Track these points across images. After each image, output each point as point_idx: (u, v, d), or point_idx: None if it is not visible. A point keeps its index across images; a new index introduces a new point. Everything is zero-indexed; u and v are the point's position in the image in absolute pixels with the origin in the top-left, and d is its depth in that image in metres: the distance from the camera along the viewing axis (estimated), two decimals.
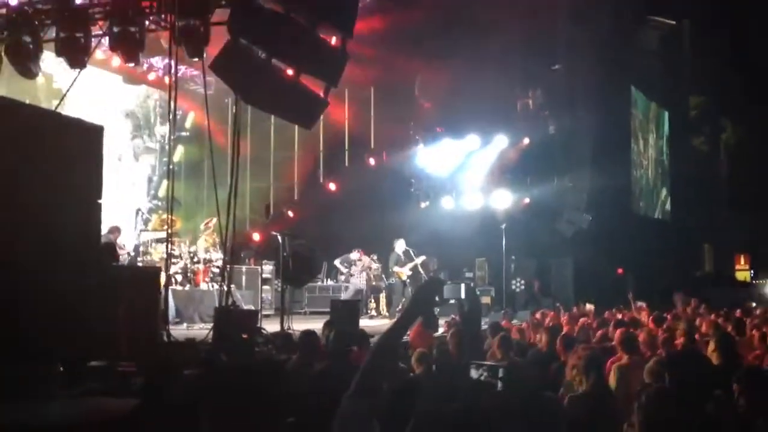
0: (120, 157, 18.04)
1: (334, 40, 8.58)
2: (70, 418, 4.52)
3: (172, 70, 9.88)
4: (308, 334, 7.30)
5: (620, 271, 22.70)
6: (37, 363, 5.63)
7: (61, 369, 5.69)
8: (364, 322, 12.52)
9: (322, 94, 8.68)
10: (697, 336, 8.32)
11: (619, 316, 12.68)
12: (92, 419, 4.68)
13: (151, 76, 18.20)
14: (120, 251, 13.58)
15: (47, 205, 6.01)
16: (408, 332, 10.10)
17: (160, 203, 18.35)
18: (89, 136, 6.49)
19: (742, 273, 36.67)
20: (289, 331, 10.23)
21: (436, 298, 3.06)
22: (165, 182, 17.44)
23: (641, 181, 25.45)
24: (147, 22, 11.13)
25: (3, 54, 11.56)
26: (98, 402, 5.23)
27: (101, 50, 15.32)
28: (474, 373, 2.82)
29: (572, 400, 4.97)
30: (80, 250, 6.32)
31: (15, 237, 5.79)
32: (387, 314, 18.02)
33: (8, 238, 5.74)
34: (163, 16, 11.28)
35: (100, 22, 11.40)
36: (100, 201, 6.63)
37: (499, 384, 2.87)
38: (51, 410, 4.99)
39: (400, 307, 17.39)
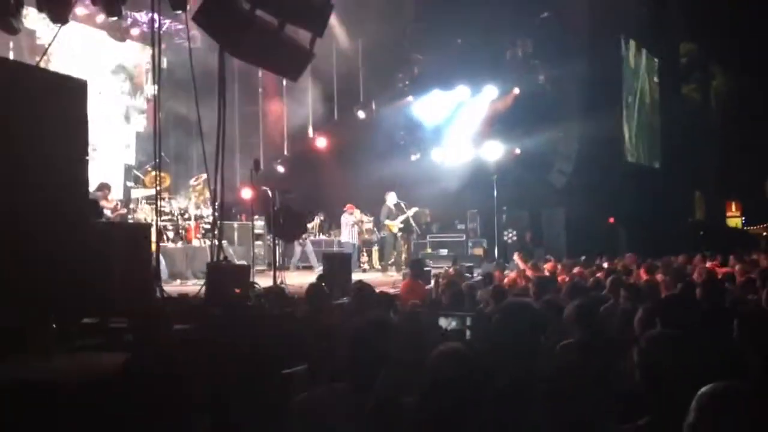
0: (109, 116, 17.83)
1: None
2: (64, 374, 4.52)
3: (156, 25, 9.68)
4: (315, 284, 7.61)
5: (611, 220, 22.76)
6: (29, 320, 5.62)
7: (54, 326, 5.68)
8: (357, 276, 12.53)
9: (308, 46, 8.54)
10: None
11: (606, 265, 12.75)
12: (85, 375, 4.68)
13: (135, 32, 17.92)
14: (112, 209, 13.53)
15: (33, 162, 5.94)
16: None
17: (149, 161, 18.25)
18: (73, 91, 6.38)
19: (734, 220, 36.90)
20: (282, 285, 10.22)
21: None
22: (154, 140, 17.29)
23: (632, 129, 25.39)
24: None
25: None
26: (91, 357, 5.24)
27: (84, 5, 15.15)
28: (444, 322, 2.85)
29: (564, 348, 4.98)
30: (68, 207, 6.27)
31: (3, 194, 5.72)
32: (379, 267, 18.09)
33: None
34: None
35: None
36: (87, 157, 6.56)
37: (467, 333, 2.90)
38: (45, 366, 4.99)
39: (392, 260, 17.46)
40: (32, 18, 13.38)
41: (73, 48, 16.38)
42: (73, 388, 4.22)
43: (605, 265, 12.92)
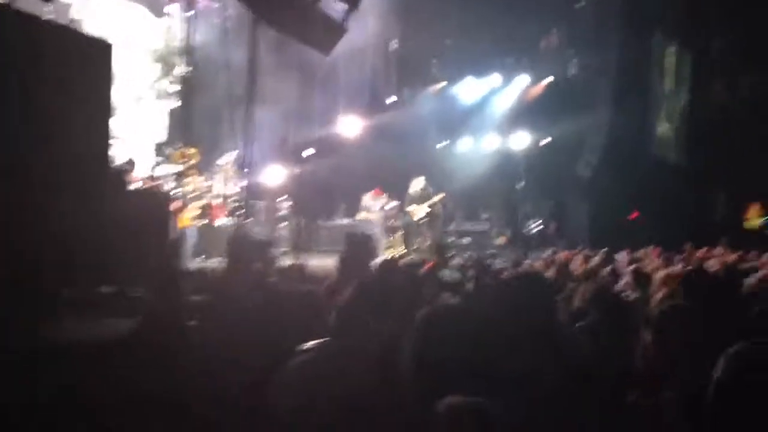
0: (139, 98, 17.86)
1: None
2: (82, 336, 4.56)
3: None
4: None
5: (634, 215, 22.49)
6: (47, 288, 5.64)
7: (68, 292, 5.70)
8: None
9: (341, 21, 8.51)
10: None
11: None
12: (100, 338, 4.72)
13: (173, 9, 17.87)
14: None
15: (54, 124, 5.89)
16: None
17: (180, 139, 18.30)
18: (98, 52, 6.33)
19: (758, 221, 36.13)
20: (301, 263, 10.21)
21: None
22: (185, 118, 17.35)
23: (661, 123, 25.05)
24: None
25: None
26: (105, 322, 5.26)
27: None
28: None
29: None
30: (88, 172, 6.26)
31: (20, 155, 5.67)
32: (404, 251, 18.04)
33: (14, 157, 5.60)
34: None
35: None
36: (108, 121, 6.53)
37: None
38: (65, 329, 5.03)
39: (416, 246, 17.40)
40: None
41: (107, 24, 16.42)
42: (84, 350, 4.25)
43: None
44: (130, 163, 13.71)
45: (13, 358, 4.20)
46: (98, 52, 6.47)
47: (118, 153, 12.65)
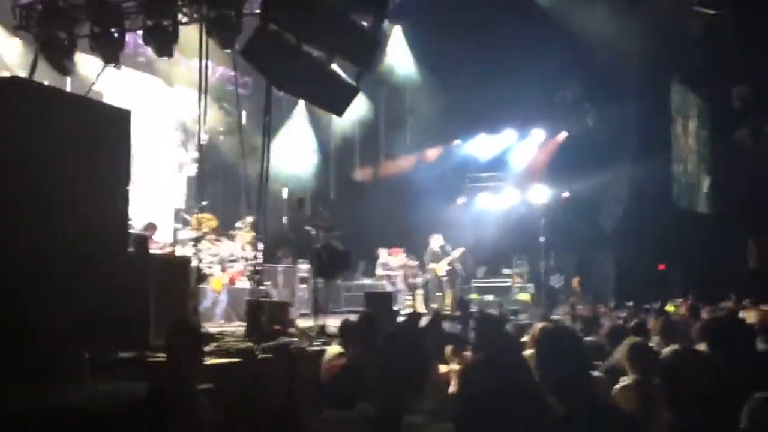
0: (162, 164, 17.93)
1: (366, 24, 8.42)
2: (91, 401, 4.42)
3: (203, 62, 9.78)
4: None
5: (662, 267, 22.18)
6: (62, 349, 5.52)
7: (87, 356, 5.57)
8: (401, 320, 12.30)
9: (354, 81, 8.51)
10: None
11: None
12: (112, 402, 4.56)
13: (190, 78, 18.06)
14: (159, 248, 13.55)
15: (73, 192, 5.90)
16: None
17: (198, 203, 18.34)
18: (116, 121, 6.36)
19: None
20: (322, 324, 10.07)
21: None
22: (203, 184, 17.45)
23: (683, 173, 24.92)
24: (179, 15, 11.03)
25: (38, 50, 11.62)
26: (121, 387, 5.11)
27: (140, 50, 15.28)
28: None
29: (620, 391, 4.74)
30: (107, 238, 6.21)
31: (42, 223, 5.69)
32: (425, 311, 17.77)
33: (36, 224, 5.63)
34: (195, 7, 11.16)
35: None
36: (127, 188, 6.51)
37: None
38: (75, 394, 4.88)
39: (436, 304, 17.15)
40: (86, 61, 13.62)
41: (128, 94, 16.57)
42: (99, 415, 4.11)
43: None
44: (151, 227, 13.70)
45: (33, 417, 4.09)
46: (118, 121, 6.50)
47: (138, 219, 12.68)
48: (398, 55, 20.04)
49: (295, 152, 19.74)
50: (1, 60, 13.28)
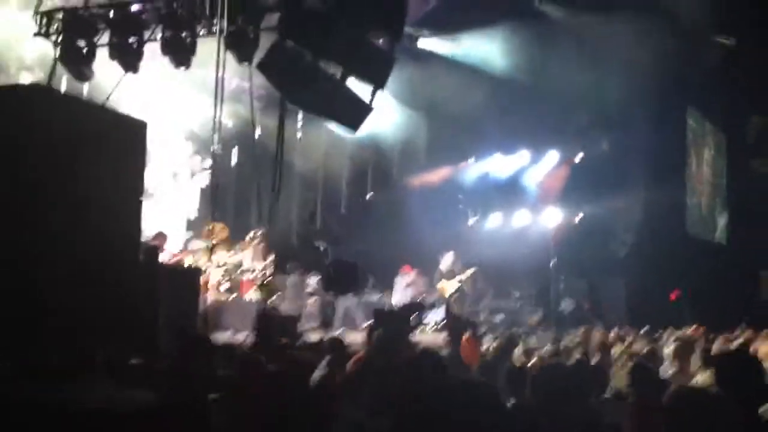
0: (175, 174, 18.06)
1: (381, 42, 8.50)
2: (105, 404, 4.45)
3: (220, 74, 9.89)
4: None
5: (673, 296, 22.03)
6: (74, 355, 5.58)
7: (101, 361, 5.62)
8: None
9: (368, 99, 8.57)
10: None
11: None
12: (124, 409, 4.60)
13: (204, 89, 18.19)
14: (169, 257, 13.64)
15: (89, 200, 5.98)
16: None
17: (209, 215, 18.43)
18: (133, 132, 6.45)
19: None
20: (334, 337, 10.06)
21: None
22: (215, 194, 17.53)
23: (697, 202, 24.81)
24: (198, 27, 11.18)
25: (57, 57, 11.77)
26: (130, 394, 5.15)
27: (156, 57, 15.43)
28: None
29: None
30: (120, 247, 6.28)
31: (58, 229, 5.76)
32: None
33: (52, 230, 5.70)
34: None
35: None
36: (141, 199, 6.59)
37: None
38: (88, 395, 4.92)
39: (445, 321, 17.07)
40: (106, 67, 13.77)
41: (143, 102, 16.70)
42: (114, 417, 4.15)
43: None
44: (162, 237, 13.80)
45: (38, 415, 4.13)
46: (134, 131, 6.59)
47: (150, 228, 12.77)
48: None
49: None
50: (21, 61, 13.45)
